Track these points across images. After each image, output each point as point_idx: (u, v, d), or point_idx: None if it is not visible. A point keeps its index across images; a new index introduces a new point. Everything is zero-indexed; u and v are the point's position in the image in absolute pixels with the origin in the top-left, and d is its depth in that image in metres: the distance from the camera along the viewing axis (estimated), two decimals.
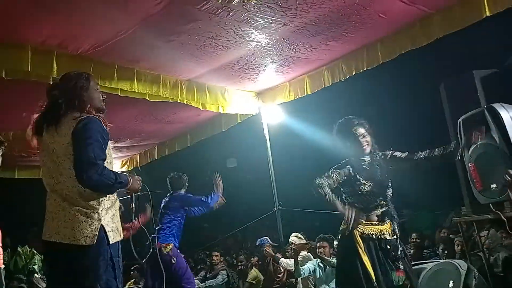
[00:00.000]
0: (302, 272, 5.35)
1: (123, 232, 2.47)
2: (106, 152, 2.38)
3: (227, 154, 12.60)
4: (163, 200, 5.27)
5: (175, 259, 4.86)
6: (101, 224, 2.28)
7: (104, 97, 2.62)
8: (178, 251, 5.01)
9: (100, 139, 2.32)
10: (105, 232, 2.29)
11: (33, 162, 7.12)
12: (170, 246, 4.88)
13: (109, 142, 2.45)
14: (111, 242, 2.29)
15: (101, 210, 2.31)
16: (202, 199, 5.05)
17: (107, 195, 2.37)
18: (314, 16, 4.11)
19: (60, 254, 2.28)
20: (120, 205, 2.53)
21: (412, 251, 5.87)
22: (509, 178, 3.16)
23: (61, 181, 2.32)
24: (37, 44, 3.91)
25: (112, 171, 2.34)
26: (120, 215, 2.50)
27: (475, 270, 4.10)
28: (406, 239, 6.92)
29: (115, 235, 2.34)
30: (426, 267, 4.45)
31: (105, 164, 2.31)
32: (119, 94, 4.58)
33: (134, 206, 2.67)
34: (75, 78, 2.54)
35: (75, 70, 3.99)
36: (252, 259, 7.19)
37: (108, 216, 2.34)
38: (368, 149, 3.24)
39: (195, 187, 5.57)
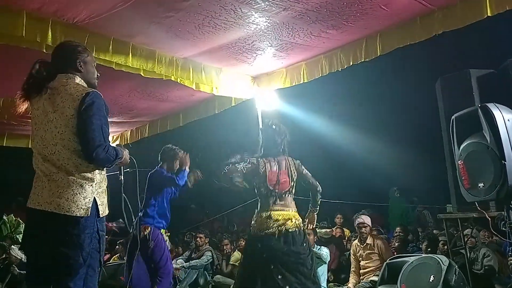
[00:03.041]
0: None
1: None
2: None
3: (219, 137, 12.55)
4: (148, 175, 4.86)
5: (153, 243, 4.52)
6: (94, 197, 2.32)
7: (98, 74, 2.63)
8: (160, 232, 4.68)
9: (106, 115, 2.39)
10: (96, 205, 2.33)
11: (22, 131, 7.05)
12: (148, 229, 4.54)
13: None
14: (101, 215, 2.34)
15: (96, 184, 2.35)
16: (173, 177, 4.64)
17: (99, 171, 2.40)
18: (315, 2, 4.07)
19: (47, 223, 2.28)
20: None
21: (396, 244, 5.94)
22: None
23: (55, 152, 2.33)
24: (33, 10, 3.81)
25: (113, 147, 2.41)
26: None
27: (456, 267, 4.16)
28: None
29: (104, 209, 2.39)
30: (408, 261, 4.52)
31: None
32: (113, 67, 4.51)
33: (122, 178, 2.71)
34: (75, 46, 2.58)
35: (71, 38, 4.02)
36: (240, 242, 7.22)
37: (100, 190, 2.38)
38: None
39: None
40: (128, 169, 2.69)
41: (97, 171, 2.38)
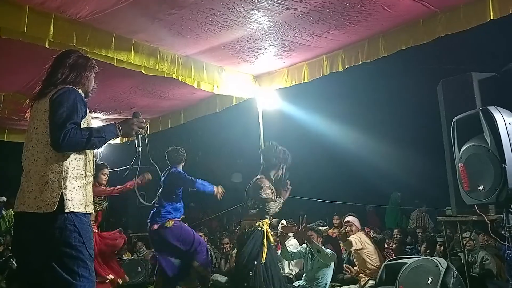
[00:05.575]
0: (290, 256, 5.56)
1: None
2: (86, 122, 2.45)
3: (220, 135, 12.57)
4: (162, 175, 5.29)
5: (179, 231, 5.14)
6: (62, 192, 2.33)
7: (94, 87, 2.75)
8: (181, 222, 5.25)
9: (76, 106, 2.39)
10: (63, 200, 2.33)
11: (23, 126, 7.06)
12: (172, 222, 5.10)
13: (89, 113, 2.53)
14: (66, 210, 2.32)
15: (63, 178, 2.36)
16: (193, 179, 5.18)
17: (73, 167, 2.40)
18: (318, 2, 4.06)
19: (25, 224, 2.37)
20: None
21: (394, 245, 5.95)
22: None
23: (30, 148, 2.43)
24: (36, 5, 3.79)
25: (87, 128, 2.39)
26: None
27: (454, 269, 4.16)
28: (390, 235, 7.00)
29: (74, 205, 2.36)
30: (406, 262, 4.52)
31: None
32: (115, 64, 4.51)
33: (140, 150, 2.62)
34: (86, 59, 2.69)
35: (72, 35, 4.04)
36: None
37: (72, 186, 2.38)
38: None
39: (186, 165, 5.56)
40: (141, 135, 2.60)
41: (69, 166, 2.38)
